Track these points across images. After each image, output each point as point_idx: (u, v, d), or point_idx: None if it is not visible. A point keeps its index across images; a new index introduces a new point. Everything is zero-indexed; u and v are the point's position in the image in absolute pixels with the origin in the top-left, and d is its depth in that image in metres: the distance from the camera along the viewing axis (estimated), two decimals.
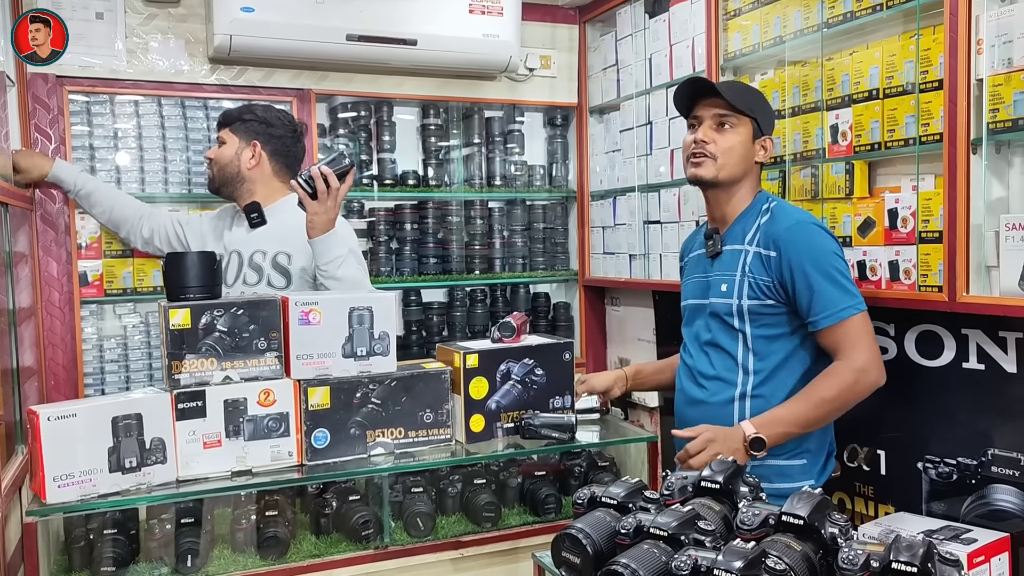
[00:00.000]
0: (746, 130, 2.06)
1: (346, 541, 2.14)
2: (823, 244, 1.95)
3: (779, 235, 1.98)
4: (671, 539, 1.27)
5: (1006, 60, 1.86)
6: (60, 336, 2.90)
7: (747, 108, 2.04)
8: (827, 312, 1.92)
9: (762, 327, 2.02)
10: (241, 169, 2.54)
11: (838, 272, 1.93)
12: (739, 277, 2.03)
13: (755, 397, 2.02)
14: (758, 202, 2.09)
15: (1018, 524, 2.01)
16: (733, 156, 2.05)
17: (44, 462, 1.82)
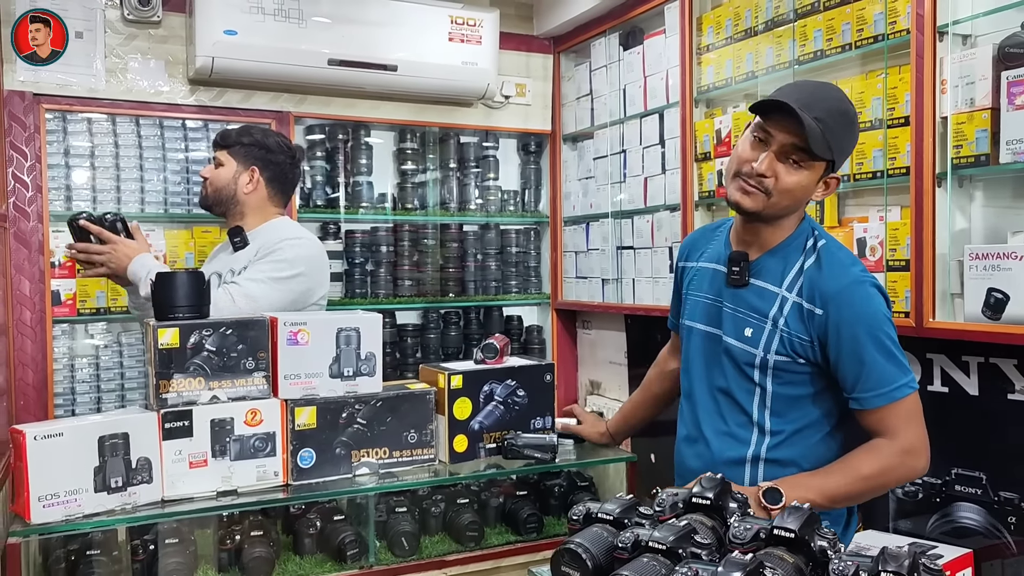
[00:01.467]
0: (818, 171, 1.67)
1: (331, 561, 2.14)
2: (879, 310, 1.66)
3: (831, 293, 1.66)
4: (669, 552, 1.32)
5: (968, 100, 1.98)
6: (31, 355, 2.87)
7: (827, 152, 1.63)
8: (879, 391, 1.64)
9: (785, 384, 1.73)
10: (237, 193, 2.51)
11: (893, 344, 1.65)
12: (770, 328, 1.72)
13: (769, 462, 1.77)
14: (801, 233, 1.75)
15: (981, 540, 2.11)
16: (790, 197, 1.67)
17: (29, 482, 1.80)
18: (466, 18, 3.27)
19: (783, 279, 1.71)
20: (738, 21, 2.68)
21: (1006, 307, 1.88)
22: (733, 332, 1.77)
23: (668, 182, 3.01)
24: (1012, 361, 2.03)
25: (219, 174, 2.53)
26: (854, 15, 2.27)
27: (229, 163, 2.53)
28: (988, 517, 2.09)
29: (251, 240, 2.52)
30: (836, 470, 1.67)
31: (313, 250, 2.54)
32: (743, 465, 1.78)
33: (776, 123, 1.63)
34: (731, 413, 1.80)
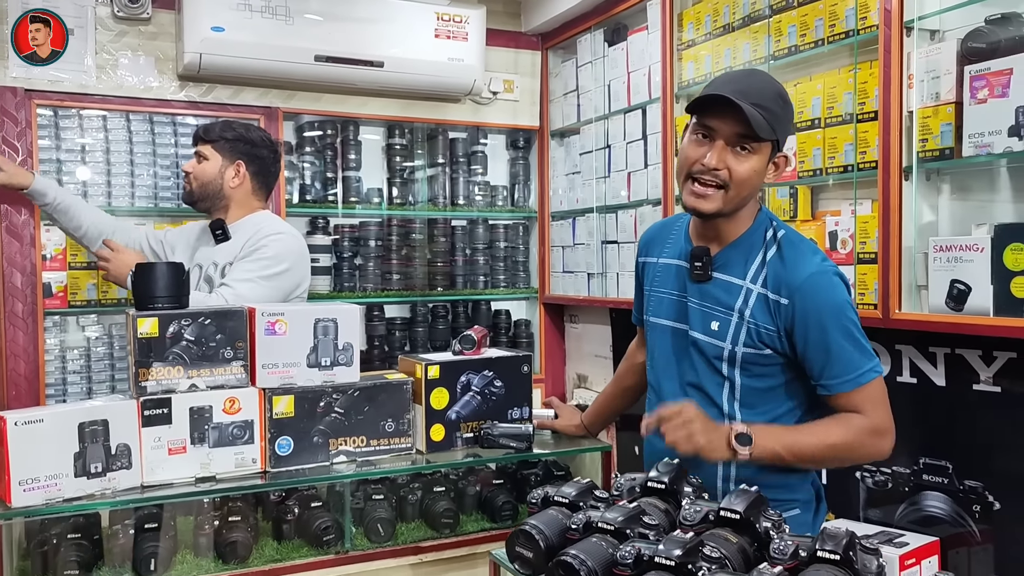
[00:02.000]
0: (765, 154, 1.68)
1: (308, 547, 2.19)
2: (843, 299, 1.69)
3: (796, 283, 1.68)
4: (617, 532, 1.36)
5: (934, 94, 2.01)
6: (23, 347, 2.92)
7: (771, 132, 1.64)
8: (845, 377, 1.66)
9: (753, 377, 1.75)
10: (224, 187, 2.55)
11: (857, 331, 1.68)
12: (736, 320, 1.73)
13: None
14: (760, 225, 1.76)
15: (947, 529, 2.14)
16: (747, 187, 1.68)
17: (10, 466, 1.85)
18: (452, 15, 3.31)
19: (746, 271, 1.72)
20: (717, 17, 2.72)
21: (968, 298, 1.91)
22: (700, 327, 1.78)
23: (650, 177, 3.04)
24: (977, 352, 2.05)
25: (204, 168, 2.56)
26: (826, 10, 2.30)
27: (214, 157, 2.56)
28: (954, 506, 2.12)
29: (232, 233, 2.56)
30: (807, 431, 1.69)
31: (296, 244, 2.59)
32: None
33: (716, 116, 1.64)
34: (702, 406, 1.76)
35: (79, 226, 2.69)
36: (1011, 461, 1.95)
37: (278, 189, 3.25)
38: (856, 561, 1.24)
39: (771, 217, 1.78)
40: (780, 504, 1.66)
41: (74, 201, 2.72)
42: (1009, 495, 1.99)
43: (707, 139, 1.67)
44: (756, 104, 1.62)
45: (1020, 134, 1.80)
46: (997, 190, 2.00)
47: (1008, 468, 1.97)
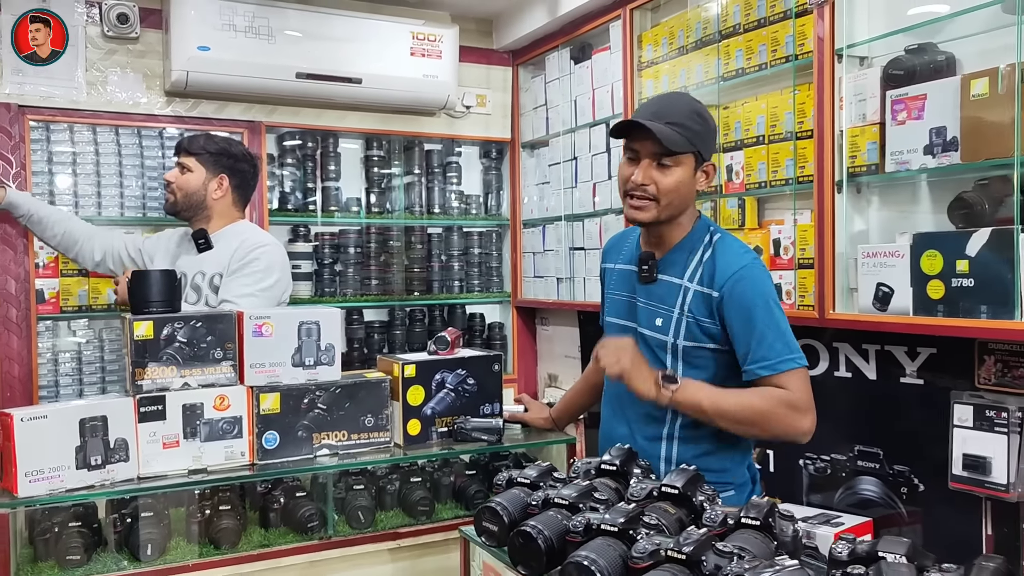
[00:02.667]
0: (689, 165, 1.86)
1: (293, 533, 2.36)
2: (768, 291, 1.85)
3: (724, 277, 1.85)
4: (571, 507, 1.54)
5: (861, 115, 2.22)
6: (17, 351, 3.06)
7: (688, 146, 1.83)
8: (764, 363, 1.81)
9: (694, 368, 1.90)
10: (207, 198, 2.70)
11: (781, 321, 1.84)
12: (677, 315, 1.90)
13: (682, 440, 1.94)
14: (699, 231, 1.94)
15: (880, 510, 2.34)
16: (676, 196, 1.86)
17: (17, 459, 2.00)
18: (427, 34, 3.49)
19: (685, 272, 1.91)
20: (672, 40, 2.92)
21: (891, 299, 2.12)
22: (647, 323, 1.96)
23: (614, 187, 3.24)
24: (903, 348, 2.26)
25: (188, 180, 2.70)
26: (769, 37, 2.50)
27: (198, 170, 2.71)
28: (884, 489, 2.33)
29: (215, 242, 2.71)
30: (732, 393, 1.84)
31: (280, 254, 2.76)
32: (660, 441, 1.97)
33: (637, 139, 1.85)
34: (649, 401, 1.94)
35: (53, 235, 2.85)
36: (933, 447, 2.16)
37: (260, 198, 3.42)
38: (775, 526, 1.43)
39: (709, 224, 1.98)
40: (716, 486, 1.79)
41: (48, 212, 2.87)
42: (931, 478, 2.20)
43: (634, 160, 1.87)
44: (671, 123, 1.82)
45: (933, 152, 2.01)
46: (919, 202, 2.21)
47: (930, 453, 2.18)
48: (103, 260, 2.89)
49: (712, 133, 1.93)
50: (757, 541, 1.38)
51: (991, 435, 1.98)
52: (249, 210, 3.38)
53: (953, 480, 2.07)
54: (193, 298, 2.71)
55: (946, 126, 1.98)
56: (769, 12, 2.50)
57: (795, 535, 1.44)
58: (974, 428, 2.02)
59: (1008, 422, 1.95)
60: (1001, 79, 1.85)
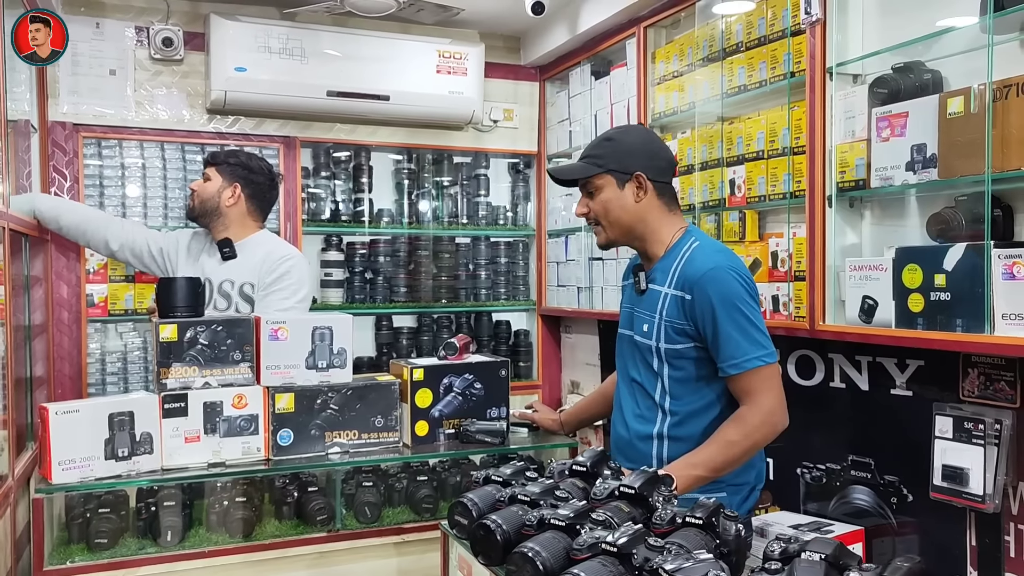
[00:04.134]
0: (609, 184, 2.06)
1: (304, 525, 2.51)
2: (733, 290, 1.95)
3: (693, 279, 1.98)
4: (532, 503, 1.64)
5: (851, 132, 2.26)
6: (68, 351, 3.30)
7: (596, 168, 2.06)
8: (732, 361, 1.94)
9: (678, 370, 2.04)
10: (220, 205, 2.87)
11: (746, 320, 1.94)
12: (657, 320, 2.05)
13: (672, 439, 2.06)
14: (683, 241, 2.07)
15: (872, 519, 2.37)
16: (612, 212, 2.07)
17: (51, 449, 2.20)
18: (452, 52, 3.64)
19: (666, 279, 2.06)
20: (683, 57, 2.99)
21: (876, 312, 2.16)
22: (638, 330, 2.13)
23: None
24: (893, 360, 2.30)
25: (206, 187, 2.89)
26: (768, 55, 2.57)
27: (216, 178, 2.89)
28: (876, 498, 2.36)
29: (239, 251, 2.88)
30: (710, 443, 1.97)
31: (305, 264, 2.93)
32: (651, 440, 2.10)
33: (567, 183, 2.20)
34: (642, 398, 2.14)
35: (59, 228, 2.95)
36: (920, 458, 2.19)
37: (295, 209, 3.61)
38: (718, 525, 1.51)
39: (696, 236, 2.10)
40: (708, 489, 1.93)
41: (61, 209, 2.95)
42: (919, 489, 2.23)
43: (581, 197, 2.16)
44: (584, 157, 2.11)
45: (914, 169, 2.05)
46: (907, 216, 2.25)
47: (917, 464, 2.21)
48: (119, 250, 2.98)
49: (629, 149, 2.08)
50: (698, 539, 1.47)
51: (969, 447, 2.01)
52: (283, 220, 3.58)
53: (933, 490, 2.10)
54: (223, 304, 2.88)
55: (926, 143, 2.02)
56: (768, 30, 2.57)
57: (737, 534, 1.52)
58: (953, 440, 2.05)
59: (985, 434, 1.98)
60: (974, 98, 1.88)
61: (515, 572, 1.44)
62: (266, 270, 2.84)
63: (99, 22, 3.34)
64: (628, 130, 2.22)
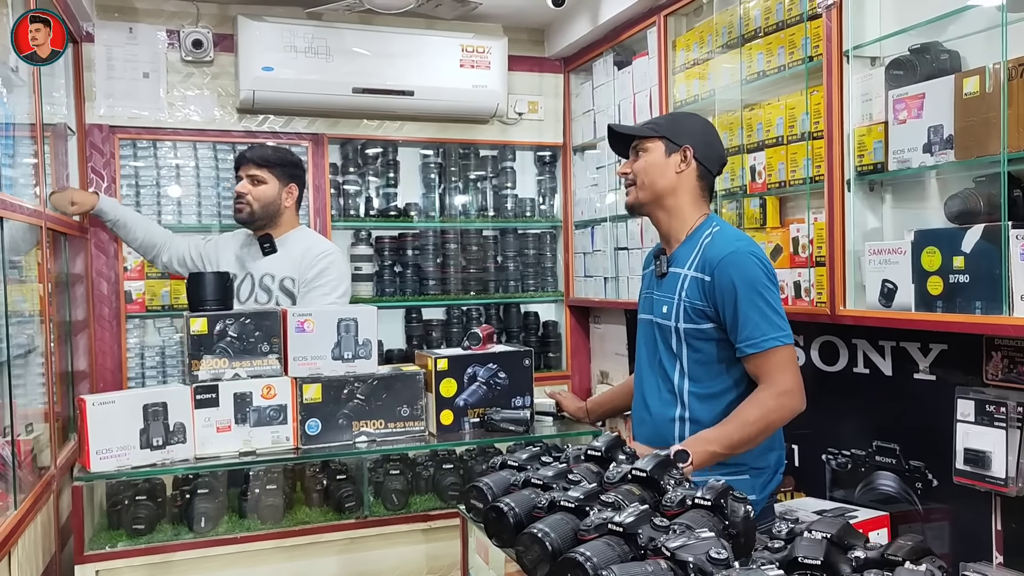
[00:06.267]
0: (657, 149, 2.10)
1: (333, 512, 2.57)
2: (753, 273, 1.98)
3: (715, 262, 2.01)
4: (545, 487, 1.67)
5: (868, 115, 2.25)
6: (108, 345, 3.41)
7: (650, 132, 2.12)
8: (750, 341, 1.96)
9: (697, 352, 2.07)
10: (281, 207, 2.90)
11: (764, 302, 1.96)
12: (676, 301, 2.08)
13: (692, 421, 2.09)
14: (704, 226, 2.11)
15: (897, 505, 2.36)
16: (649, 174, 2.11)
17: (89, 439, 2.29)
18: (475, 46, 3.67)
19: (687, 261, 2.09)
20: (703, 44, 2.99)
21: (895, 296, 2.15)
22: (658, 312, 2.16)
23: None
24: (916, 344, 2.28)
25: (264, 191, 2.87)
26: (786, 40, 2.55)
27: (272, 181, 2.88)
28: (901, 484, 2.35)
29: (279, 246, 2.95)
30: (728, 422, 1.99)
31: (343, 258, 3.00)
32: (674, 423, 2.13)
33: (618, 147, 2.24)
34: (663, 381, 2.16)
35: (135, 238, 3.08)
36: (944, 443, 2.17)
37: (324, 205, 3.68)
38: (726, 507, 1.52)
39: (716, 222, 2.13)
40: (729, 468, 2.00)
41: (132, 217, 3.10)
42: (943, 473, 2.21)
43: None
44: (646, 123, 2.18)
45: (931, 151, 2.03)
46: (928, 199, 2.23)
47: (942, 449, 2.19)
48: (169, 262, 3.10)
49: (685, 125, 2.15)
50: (705, 520, 1.48)
51: (991, 430, 1.99)
52: (313, 216, 3.66)
53: (956, 475, 2.09)
54: (264, 298, 2.94)
55: (943, 124, 2.01)
56: (786, 15, 2.55)
57: (746, 516, 1.53)
58: (975, 423, 2.03)
59: (1007, 417, 1.96)
60: (990, 78, 1.86)
61: (524, 552, 1.47)
62: (306, 266, 2.89)
63: (132, 27, 3.44)
64: (691, 115, 2.27)
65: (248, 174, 2.89)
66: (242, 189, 2.89)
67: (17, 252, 2.42)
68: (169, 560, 2.35)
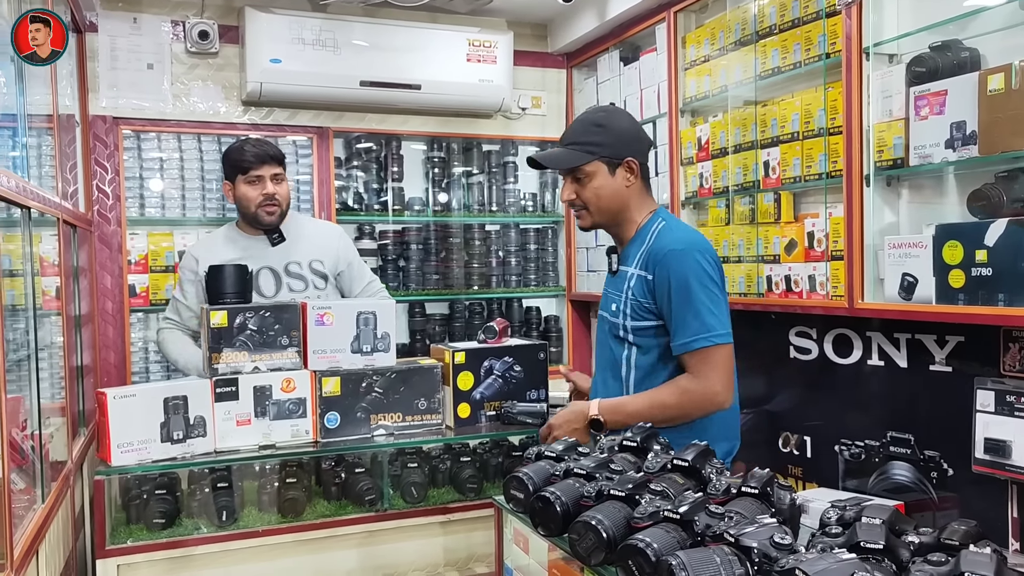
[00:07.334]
0: (600, 171, 2.07)
1: (352, 505, 2.57)
2: (691, 271, 1.98)
3: (656, 258, 2.02)
4: (588, 476, 1.69)
5: (888, 111, 2.29)
6: (112, 340, 3.38)
7: (586, 159, 2.06)
8: (680, 340, 1.99)
9: (643, 350, 2.09)
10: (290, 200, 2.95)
11: (700, 301, 1.96)
12: (624, 298, 2.10)
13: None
14: (651, 223, 2.11)
15: (912, 494, 2.41)
16: (603, 199, 2.09)
17: (110, 432, 2.26)
18: (482, 40, 3.67)
19: (634, 260, 2.11)
20: (714, 40, 3.02)
21: (916, 289, 2.19)
22: (609, 309, 2.19)
23: (660, 184, 3.35)
24: (932, 337, 2.32)
25: (287, 189, 2.92)
26: (803, 36, 2.59)
27: (286, 177, 2.92)
28: (916, 473, 2.39)
29: (285, 234, 2.94)
30: (643, 399, 2.06)
31: None
32: None
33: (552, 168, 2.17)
34: (613, 376, 2.20)
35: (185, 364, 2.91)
36: (960, 433, 2.21)
37: (328, 199, 3.66)
38: (772, 495, 1.55)
39: (662, 216, 2.15)
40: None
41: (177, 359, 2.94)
42: (959, 463, 2.26)
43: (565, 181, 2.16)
44: (570, 143, 2.09)
45: (953, 146, 2.08)
46: (946, 194, 2.27)
47: (958, 439, 2.24)
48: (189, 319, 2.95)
49: (619, 135, 2.10)
50: (754, 507, 1.51)
51: (1012, 419, 2.04)
52: (317, 210, 3.64)
53: (976, 464, 2.13)
54: (299, 286, 2.93)
55: (966, 120, 2.05)
56: (803, 12, 2.59)
57: (792, 503, 1.56)
58: (996, 413, 2.08)
59: None
60: (1015, 75, 1.90)
61: (578, 540, 1.48)
62: (343, 246, 3.01)
63: (136, 17, 3.40)
64: (613, 113, 2.20)
65: (272, 174, 2.86)
66: (271, 190, 2.85)
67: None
68: (189, 554, 2.34)
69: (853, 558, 1.17)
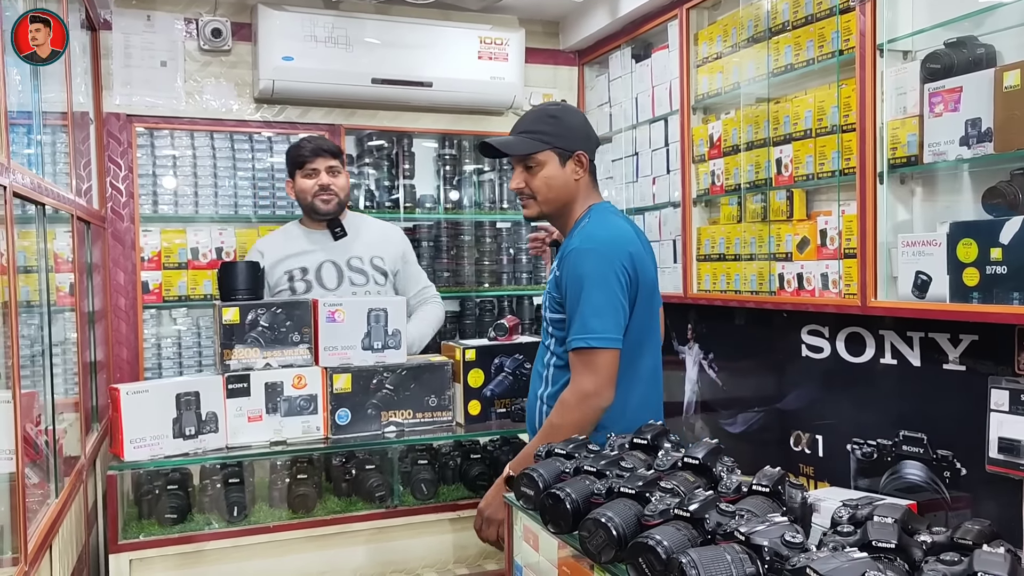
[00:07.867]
0: (551, 161, 2.11)
1: (362, 502, 2.58)
2: (584, 270, 2.00)
3: (563, 254, 2.08)
4: (599, 474, 1.69)
5: (902, 108, 2.27)
6: (125, 336, 3.40)
7: (538, 147, 2.10)
8: (568, 337, 2.05)
9: (558, 340, 2.15)
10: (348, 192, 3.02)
11: (585, 302, 1.99)
12: (546, 292, 2.21)
13: (550, 405, 2.15)
14: (582, 218, 2.15)
15: (924, 494, 2.39)
16: (553, 189, 2.12)
17: (124, 428, 2.28)
18: (494, 38, 3.67)
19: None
20: (727, 37, 3.00)
21: (930, 287, 2.17)
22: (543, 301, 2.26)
23: (671, 181, 3.34)
24: (946, 335, 2.30)
25: (344, 181, 2.97)
26: (816, 33, 2.57)
27: (344, 171, 2.99)
28: (929, 473, 2.38)
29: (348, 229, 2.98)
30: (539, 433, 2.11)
31: None
32: (537, 400, 2.25)
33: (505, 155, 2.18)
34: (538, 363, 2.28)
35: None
36: (974, 432, 2.20)
37: None
38: (784, 493, 1.55)
39: (591, 213, 2.16)
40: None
41: None
42: (973, 462, 2.24)
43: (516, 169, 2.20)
44: (524, 132, 2.13)
45: (968, 144, 2.06)
46: (960, 192, 2.25)
47: (972, 438, 2.22)
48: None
49: (572, 128, 2.16)
50: (765, 506, 1.50)
51: None
52: None
53: (989, 463, 2.12)
54: (360, 280, 2.95)
55: (981, 118, 2.03)
56: (816, 9, 2.57)
57: (803, 502, 1.55)
58: (1010, 412, 2.06)
59: None
60: None
61: (588, 537, 1.48)
62: (403, 246, 3.08)
63: (150, 15, 3.42)
64: (567, 109, 2.26)
65: (328, 166, 2.92)
66: (326, 181, 2.92)
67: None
68: (201, 549, 2.36)
69: (865, 557, 1.16)
